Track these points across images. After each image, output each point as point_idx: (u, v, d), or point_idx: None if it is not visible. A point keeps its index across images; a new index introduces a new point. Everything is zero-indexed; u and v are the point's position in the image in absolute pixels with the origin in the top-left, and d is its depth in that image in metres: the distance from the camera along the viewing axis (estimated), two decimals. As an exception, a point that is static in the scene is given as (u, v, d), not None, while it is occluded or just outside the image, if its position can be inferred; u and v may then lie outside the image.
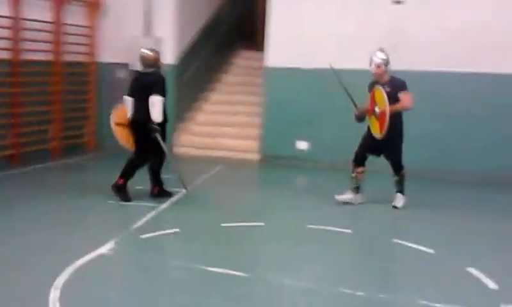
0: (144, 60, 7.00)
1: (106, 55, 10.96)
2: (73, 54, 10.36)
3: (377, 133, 6.82)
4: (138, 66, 7.21)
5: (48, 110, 9.97)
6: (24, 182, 8.19)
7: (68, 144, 10.41)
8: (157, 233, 5.87)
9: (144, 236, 5.74)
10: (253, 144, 10.56)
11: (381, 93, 6.67)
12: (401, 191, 7.16)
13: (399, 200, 7.14)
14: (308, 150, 10.05)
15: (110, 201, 6.96)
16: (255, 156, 10.43)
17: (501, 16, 8.97)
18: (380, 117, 6.72)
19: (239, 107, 11.52)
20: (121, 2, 10.88)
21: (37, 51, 9.51)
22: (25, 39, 9.20)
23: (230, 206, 7.26)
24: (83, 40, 10.62)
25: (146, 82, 6.87)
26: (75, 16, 10.33)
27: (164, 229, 6.04)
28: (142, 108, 6.80)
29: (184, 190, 7.38)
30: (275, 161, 10.10)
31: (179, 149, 10.86)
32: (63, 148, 10.21)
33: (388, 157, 7.07)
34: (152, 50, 7.13)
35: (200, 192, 7.79)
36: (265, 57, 10.33)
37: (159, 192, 7.24)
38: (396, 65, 7.16)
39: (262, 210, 7.11)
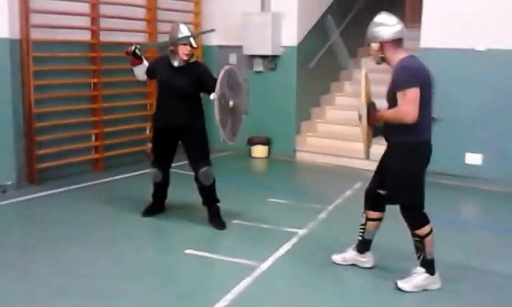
0: None
1: (212, 37, 8.60)
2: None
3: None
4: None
5: (145, 103, 8.03)
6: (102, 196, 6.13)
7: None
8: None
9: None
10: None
11: (362, 82, 4.10)
12: (423, 264, 4.02)
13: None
14: (482, 166, 7.15)
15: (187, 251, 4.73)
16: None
17: None
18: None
19: (382, 101, 8.78)
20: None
21: (122, 31, 7.48)
22: (107, 16, 7.23)
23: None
24: (184, 18, 8.42)
25: None
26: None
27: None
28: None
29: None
30: (437, 178, 7.03)
31: (303, 156, 8.45)
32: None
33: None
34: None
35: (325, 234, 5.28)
36: (421, 36, 7.46)
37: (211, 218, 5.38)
38: None
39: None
